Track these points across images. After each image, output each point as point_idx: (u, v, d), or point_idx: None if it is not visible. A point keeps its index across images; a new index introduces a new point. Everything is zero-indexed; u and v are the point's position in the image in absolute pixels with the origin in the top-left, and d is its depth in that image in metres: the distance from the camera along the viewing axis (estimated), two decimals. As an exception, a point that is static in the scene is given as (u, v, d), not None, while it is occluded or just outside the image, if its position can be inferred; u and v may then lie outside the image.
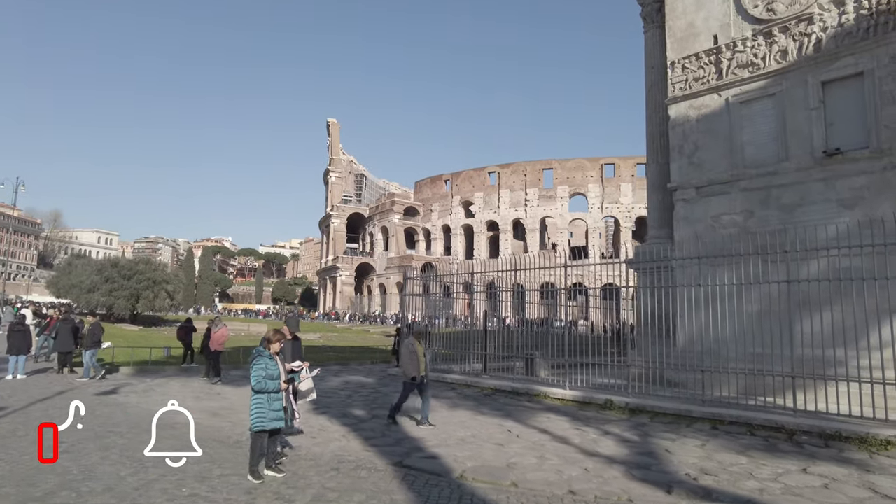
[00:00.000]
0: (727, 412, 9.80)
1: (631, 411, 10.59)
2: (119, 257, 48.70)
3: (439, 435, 8.20)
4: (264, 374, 5.69)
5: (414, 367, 9.22)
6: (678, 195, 15.35)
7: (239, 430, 8.18)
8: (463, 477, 6.09)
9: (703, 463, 7.00)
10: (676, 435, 8.73)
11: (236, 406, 10.37)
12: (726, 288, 11.59)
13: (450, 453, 7.09)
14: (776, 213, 13.35)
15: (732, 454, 7.51)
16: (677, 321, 13.42)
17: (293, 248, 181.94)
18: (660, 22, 17.56)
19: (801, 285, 10.73)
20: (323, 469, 6.26)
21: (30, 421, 8.61)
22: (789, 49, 13.39)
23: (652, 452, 7.55)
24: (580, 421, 9.67)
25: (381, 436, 8.10)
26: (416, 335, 9.79)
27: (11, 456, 6.60)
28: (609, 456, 7.26)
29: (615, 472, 6.47)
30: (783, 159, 13.32)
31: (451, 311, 18.55)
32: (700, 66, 15.14)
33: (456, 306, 21.76)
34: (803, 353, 10.80)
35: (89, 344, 13.42)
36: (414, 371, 9.18)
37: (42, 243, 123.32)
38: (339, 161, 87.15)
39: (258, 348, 5.95)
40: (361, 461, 6.62)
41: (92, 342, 13.42)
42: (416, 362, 9.23)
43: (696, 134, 15.08)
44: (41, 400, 10.42)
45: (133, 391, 11.86)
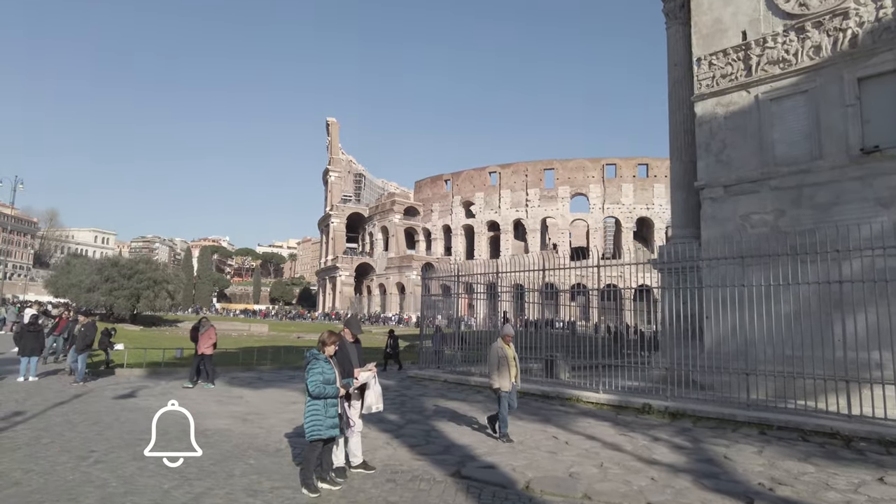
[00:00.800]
0: (775, 416, 9.48)
1: (671, 415, 10.25)
2: (118, 256, 48.03)
3: (487, 442, 7.83)
4: (322, 379, 5.30)
5: (504, 375, 7.98)
6: (705, 194, 15.05)
7: (275, 438, 7.79)
8: (530, 489, 5.72)
9: (770, 471, 6.67)
10: (727, 440, 8.41)
11: (263, 410, 9.97)
12: (755, 289, 11.33)
13: (505, 462, 6.72)
14: (809, 212, 13.06)
15: (795, 462, 7.19)
16: (704, 322, 13.16)
17: (291, 248, 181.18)
18: (683, 18, 17.27)
19: (837, 286, 10.48)
20: (378, 480, 5.88)
21: (51, 427, 8.19)
22: (823, 45, 13.11)
23: (711, 459, 7.22)
24: (623, 426, 9.32)
25: (426, 442, 7.72)
26: (506, 338, 8.37)
27: (42, 466, 6.17)
28: (670, 464, 6.91)
29: (684, 482, 6.13)
30: (817, 157, 13.03)
31: (474, 312, 18.17)
32: (728, 63, 14.85)
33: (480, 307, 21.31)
34: (837, 357, 10.55)
35: (81, 346, 12.51)
36: (502, 381, 7.94)
37: (38, 242, 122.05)
38: (339, 161, 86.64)
39: (312, 351, 5.56)
40: (416, 471, 6.25)
41: (84, 344, 12.52)
42: (507, 370, 8.03)
43: (724, 131, 14.78)
44: (59, 404, 9.99)
45: (150, 394, 11.43)
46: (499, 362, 8.01)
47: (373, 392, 6.07)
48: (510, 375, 8.04)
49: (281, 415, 9.54)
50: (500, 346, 8.16)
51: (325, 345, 5.54)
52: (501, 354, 8.05)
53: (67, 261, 47.84)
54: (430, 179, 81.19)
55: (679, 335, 12.55)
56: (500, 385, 7.97)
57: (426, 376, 15.01)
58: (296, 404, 10.70)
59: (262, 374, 15.30)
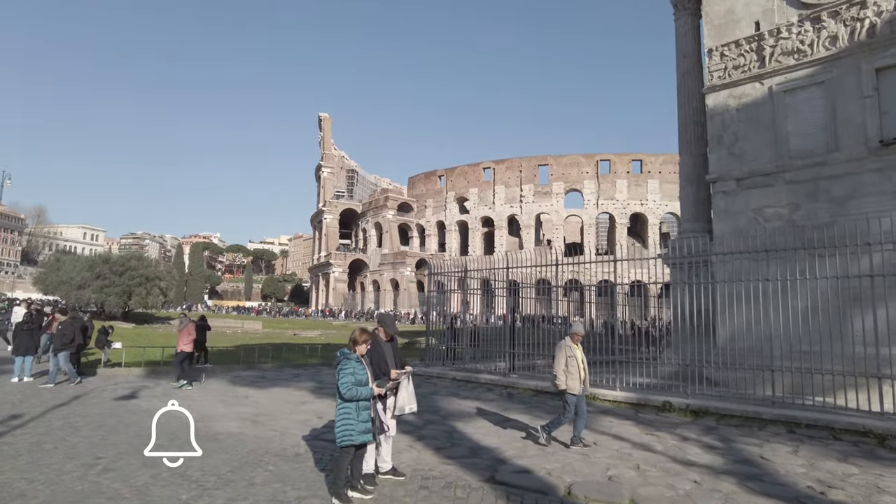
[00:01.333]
0: (803, 414, 9.25)
1: (693, 413, 10.00)
2: (109, 253, 47.18)
3: (512, 444, 7.50)
4: (353, 380, 4.94)
5: (573, 377, 7.32)
6: (717, 187, 14.80)
7: (291, 441, 7.40)
8: (573, 495, 5.40)
9: (813, 473, 6.40)
10: (757, 439, 8.15)
11: (272, 411, 9.57)
12: (770, 284, 11.10)
13: (538, 465, 6.40)
14: (825, 205, 12.86)
15: (835, 462, 6.93)
16: (717, 318, 12.92)
17: (282, 245, 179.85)
18: (692, 9, 17.00)
19: (855, 281, 10.27)
20: (411, 488, 5.52)
21: (52, 431, 7.75)
22: (840, 35, 12.87)
23: (748, 460, 6.94)
24: (647, 425, 9.04)
25: (451, 445, 7.38)
26: (575, 336, 7.58)
27: (47, 476, 5.75)
28: (707, 465, 6.63)
29: (729, 485, 5.84)
30: (833, 150, 12.82)
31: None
32: (740, 54, 14.59)
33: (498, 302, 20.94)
34: (856, 351, 10.36)
35: (59, 345, 11.77)
36: (572, 382, 7.26)
37: (26, 239, 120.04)
38: (331, 156, 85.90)
39: (343, 350, 5.19)
40: (448, 476, 5.90)
41: (62, 343, 11.77)
42: (576, 372, 7.35)
43: (737, 124, 14.53)
44: (58, 406, 9.53)
45: (152, 395, 10.98)
46: (567, 362, 7.39)
47: (405, 391, 5.70)
48: (580, 377, 7.41)
49: (292, 416, 9.15)
50: (568, 345, 7.53)
51: (357, 343, 5.16)
52: (570, 354, 7.43)
53: (57, 258, 46.94)
54: (424, 175, 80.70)
55: (690, 331, 12.34)
56: (570, 387, 7.31)
57: (434, 374, 14.66)
58: (306, 405, 10.33)
59: (264, 373, 14.87)
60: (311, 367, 16.52)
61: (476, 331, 16.95)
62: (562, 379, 7.35)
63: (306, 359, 18.31)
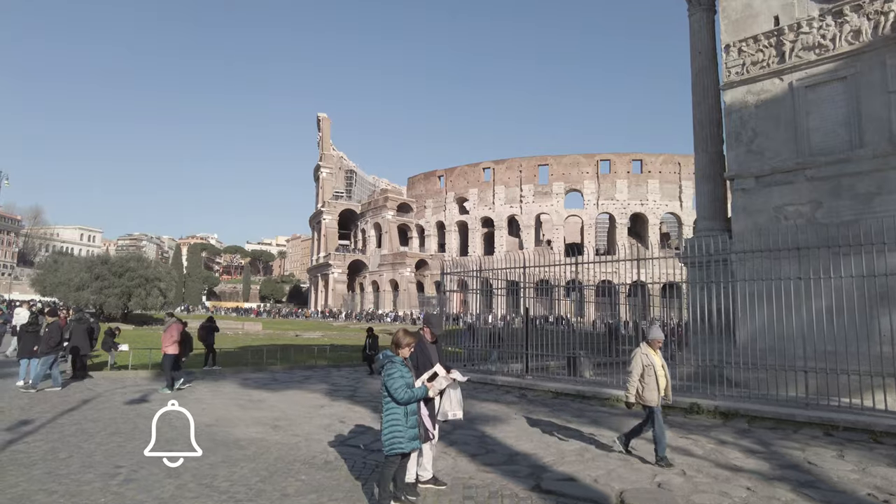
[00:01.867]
0: (840, 417, 8.99)
1: (722, 415, 9.74)
2: (107, 254, 46.71)
3: (548, 450, 7.20)
4: (404, 383, 4.64)
5: (651, 387, 6.60)
6: (736, 185, 14.55)
7: (318, 448, 7.09)
8: None
9: (867, 479, 6.13)
10: (797, 443, 7.89)
11: (291, 415, 9.26)
12: (792, 283, 10.88)
13: (583, 473, 6.11)
14: (849, 203, 12.61)
15: (886, 467, 6.67)
16: (737, 317, 12.67)
17: (280, 246, 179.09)
18: (707, 4, 16.77)
19: (881, 279, 10.06)
20: (455, 498, 5.23)
21: (66, 437, 7.43)
22: (863, 29, 12.64)
23: (796, 465, 6.67)
24: (678, 427, 8.76)
25: (485, 451, 7.08)
26: (653, 342, 6.80)
27: (66, 487, 5.43)
28: (755, 471, 6.35)
29: (786, 493, 5.56)
30: (857, 146, 12.58)
31: (498, 309, 17.53)
32: (759, 50, 14.35)
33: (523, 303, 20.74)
34: (883, 351, 10.16)
35: (44, 349, 11.14)
36: (650, 393, 6.57)
37: (22, 240, 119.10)
38: (330, 157, 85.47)
39: (386, 353, 4.89)
40: (491, 485, 5.60)
41: (48, 346, 11.16)
42: (653, 382, 6.62)
43: (756, 120, 14.28)
44: (68, 411, 9.19)
45: (164, 399, 10.64)
46: (644, 372, 6.70)
47: (453, 397, 5.37)
48: (658, 388, 6.69)
49: (313, 421, 8.84)
50: (645, 353, 6.79)
51: (400, 346, 4.86)
52: (647, 363, 6.71)
53: (55, 258, 46.44)
54: (424, 175, 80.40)
55: (709, 331, 12.10)
56: (649, 399, 6.64)
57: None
58: (324, 408, 10.02)
59: (275, 375, 14.55)
60: (321, 369, 16.20)
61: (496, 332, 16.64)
62: (631, 391, 6.70)
63: (315, 360, 17.99)
